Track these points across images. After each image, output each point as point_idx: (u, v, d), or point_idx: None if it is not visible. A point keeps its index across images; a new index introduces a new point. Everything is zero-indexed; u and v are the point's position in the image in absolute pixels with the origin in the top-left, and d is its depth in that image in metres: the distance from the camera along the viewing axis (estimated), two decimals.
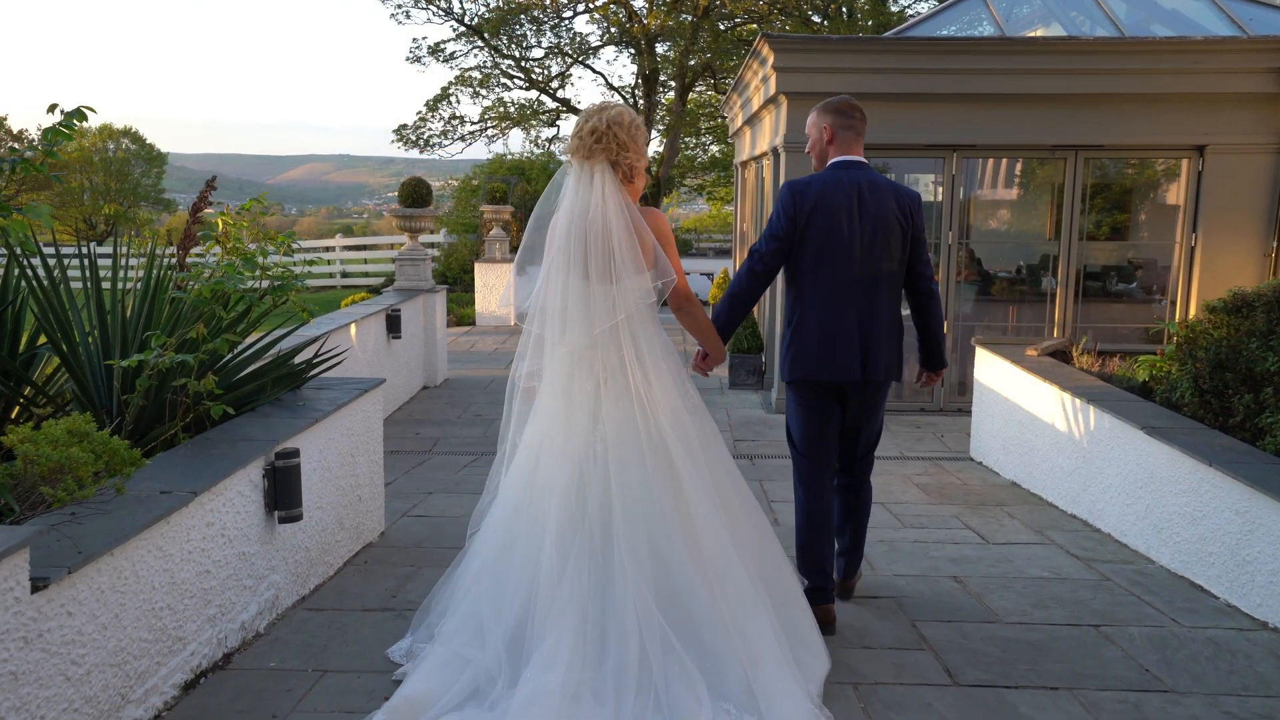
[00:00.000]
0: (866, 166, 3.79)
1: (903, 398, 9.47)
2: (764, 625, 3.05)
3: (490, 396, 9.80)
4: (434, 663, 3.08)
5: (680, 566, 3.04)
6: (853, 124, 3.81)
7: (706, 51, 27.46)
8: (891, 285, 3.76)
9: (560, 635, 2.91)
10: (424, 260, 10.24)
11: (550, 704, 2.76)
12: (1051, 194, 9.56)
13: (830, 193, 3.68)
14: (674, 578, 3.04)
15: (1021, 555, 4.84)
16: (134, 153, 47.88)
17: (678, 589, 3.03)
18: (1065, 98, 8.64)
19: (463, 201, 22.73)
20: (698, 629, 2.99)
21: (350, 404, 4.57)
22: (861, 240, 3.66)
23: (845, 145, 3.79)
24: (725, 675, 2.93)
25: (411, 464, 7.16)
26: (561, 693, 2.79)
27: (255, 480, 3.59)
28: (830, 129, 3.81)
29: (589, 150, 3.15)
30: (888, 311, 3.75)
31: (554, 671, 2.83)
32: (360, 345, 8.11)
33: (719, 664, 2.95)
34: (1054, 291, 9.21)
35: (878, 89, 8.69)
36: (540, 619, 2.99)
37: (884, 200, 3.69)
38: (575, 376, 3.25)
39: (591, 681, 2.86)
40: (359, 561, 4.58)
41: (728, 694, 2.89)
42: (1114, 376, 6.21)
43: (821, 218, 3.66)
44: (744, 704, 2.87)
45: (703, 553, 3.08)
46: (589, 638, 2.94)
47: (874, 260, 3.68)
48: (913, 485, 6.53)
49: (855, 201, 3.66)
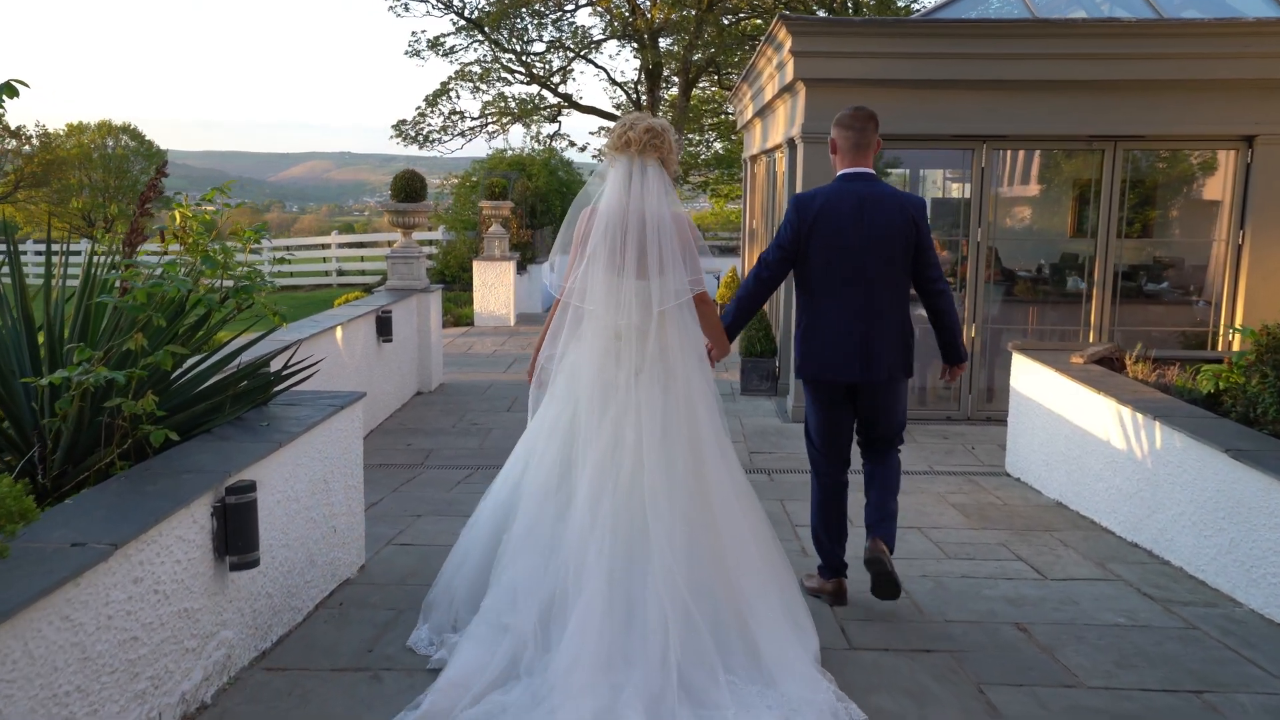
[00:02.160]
0: (873, 178, 3.95)
1: (927, 404, 8.91)
2: (774, 602, 3.26)
3: (488, 403, 9.22)
4: (473, 640, 3.17)
5: (701, 544, 3.22)
6: (859, 137, 3.92)
7: (711, 46, 26.88)
8: (894, 290, 3.92)
9: (589, 605, 3.04)
10: (418, 258, 9.65)
11: (588, 672, 2.90)
12: (1077, 190, 8.98)
13: (833, 204, 3.88)
14: (695, 554, 3.19)
15: (1087, 594, 4.26)
16: (133, 150, 47.43)
17: (697, 564, 3.18)
18: (1103, 85, 8.05)
19: (463, 198, 22.10)
20: (715, 604, 3.15)
21: (324, 422, 4.00)
22: (864, 248, 3.83)
23: (852, 158, 3.95)
24: (732, 648, 3.10)
25: (400, 480, 6.58)
26: (595, 661, 2.93)
27: (202, 521, 3.01)
28: (835, 141, 3.98)
29: (643, 145, 3.34)
30: (891, 314, 3.92)
31: (587, 640, 2.97)
32: (347, 350, 7.53)
33: (727, 637, 3.11)
34: (1089, 292, 8.61)
35: (902, 75, 8.12)
36: (572, 587, 3.11)
37: (887, 210, 3.85)
38: (611, 361, 3.37)
39: (622, 647, 3.00)
40: (333, 604, 4.00)
41: (733, 666, 3.06)
42: (1173, 387, 5.62)
43: (824, 228, 3.86)
44: (751, 675, 3.05)
45: (720, 532, 3.27)
46: (616, 609, 3.06)
47: (876, 267, 3.85)
48: (949, 506, 5.95)
49: (858, 212, 3.84)
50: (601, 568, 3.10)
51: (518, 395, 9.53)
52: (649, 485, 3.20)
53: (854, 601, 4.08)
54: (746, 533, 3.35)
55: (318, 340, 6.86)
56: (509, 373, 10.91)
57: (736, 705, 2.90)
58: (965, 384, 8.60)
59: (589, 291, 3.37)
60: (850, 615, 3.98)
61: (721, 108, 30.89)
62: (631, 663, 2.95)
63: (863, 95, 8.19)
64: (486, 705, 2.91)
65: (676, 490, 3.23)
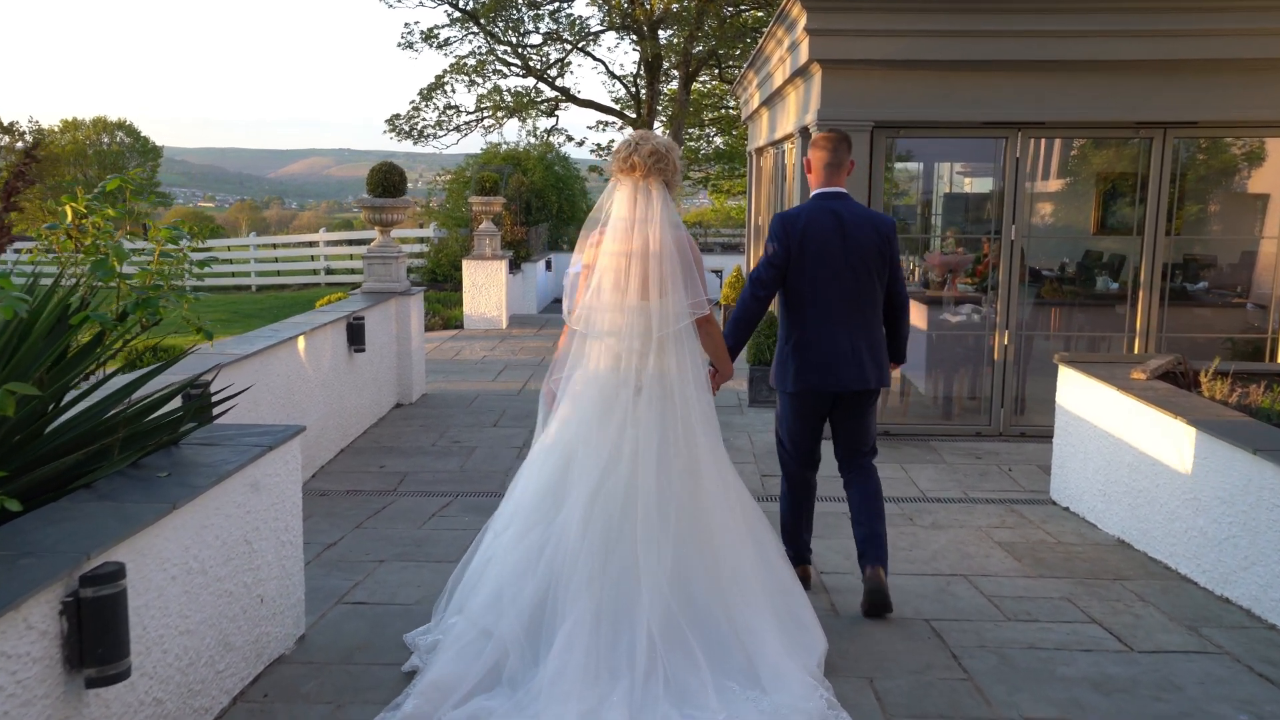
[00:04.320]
0: (846, 197, 4.15)
1: (953, 418, 8.12)
2: (769, 613, 3.30)
3: (473, 417, 8.42)
4: (457, 644, 3.19)
5: (693, 560, 3.29)
6: (833, 157, 4.13)
7: (712, 38, 26.05)
8: (874, 302, 4.12)
9: (579, 620, 3.08)
10: (397, 258, 8.85)
11: (573, 683, 2.95)
12: (1107, 183, 8.19)
13: (817, 221, 4.05)
14: (686, 568, 3.26)
15: (1189, 675, 3.47)
16: (128, 146, 46.76)
17: (689, 577, 3.25)
18: (1152, 65, 7.25)
19: (456, 194, 21.31)
20: (706, 614, 3.21)
21: (246, 468, 3.21)
22: (847, 263, 4.02)
23: (827, 177, 4.14)
24: (730, 657, 3.15)
25: (367, 511, 5.79)
26: (583, 673, 2.98)
27: (43, 625, 2.22)
28: (810, 162, 4.19)
29: (647, 169, 3.41)
30: (874, 327, 4.15)
31: (574, 653, 3.01)
32: (312, 362, 6.74)
33: (724, 647, 3.17)
34: (1133, 295, 7.81)
35: (930, 55, 7.33)
36: (560, 600, 3.16)
37: (863, 228, 4.05)
38: (612, 381, 3.41)
39: (608, 661, 3.04)
40: (254, 696, 3.21)
41: (731, 673, 3.11)
42: (1259, 409, 4.84)
43: (811, 244, 4.02)
44: (747, 682, 3.10)
45: (715, 547, 3.34)
46: (603, 623, 3.10)
47: (858, 280, 4.04)
48: (995, 545, 5.16)
49: (840, 229, 4.03)
50: (592, 584, 3.16)
51: (506, 408, 8.74)
52: (642, 502, 3.26)
53: (907, 693, 3.29)
54: (745, 549, 3.41)
55: (275, 353, 6.07)
56: (498, 381, 10.12)
57: (725, 709, 2.97)
58: (997, 396, 7.81)
59: (593, 313, 3.43)
60: (901, 706, 3.20)
61: (722, 102, 30.13)
62: (617, 675, 3.02)
63: (884, 79, 7.41)
64: (471, 708, 2.98)
65: (669, 508, 3.29)
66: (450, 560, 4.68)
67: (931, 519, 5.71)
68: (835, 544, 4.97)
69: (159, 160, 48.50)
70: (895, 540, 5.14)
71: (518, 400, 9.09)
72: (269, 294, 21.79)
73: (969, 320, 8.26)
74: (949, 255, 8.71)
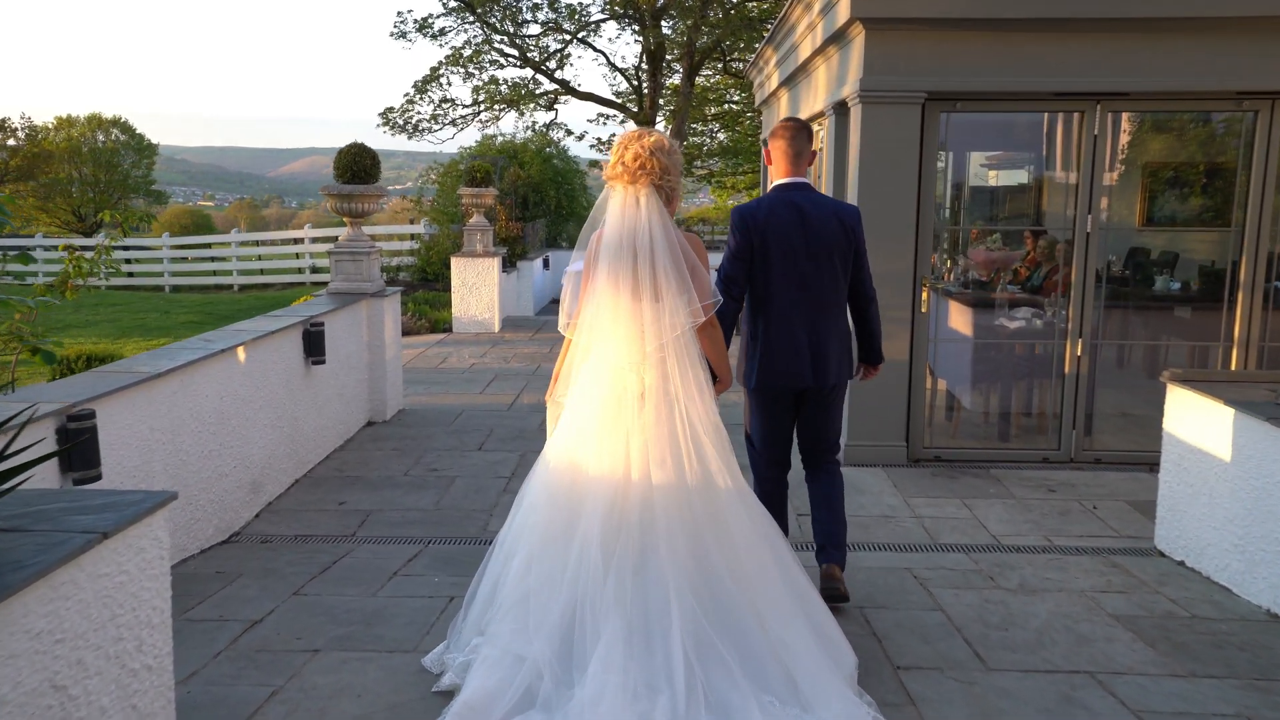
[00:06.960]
0: (808, 187, 4.05)
1: (1011, 440, 6.97)
2: (801, 624, 3.23)
3: (455, 438, 7.25)
4: (488, 664, 3.15)
5: (718, 570, 3.20)
6: (794, 146, 4.02)
7: (716, 29, 24.90)
8: (838, 296, 4.03)
9: (611, 639, 3.04)
10: (369, 254, 7.68)
11: (613, 704, 2.90)
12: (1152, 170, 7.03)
13: (778, 214, 3.96)
14: (713, 580, 3.18)
15: None
16: (124, 143, 45.73)
17: (716, 591, 3.17)
18: (1258, 23, 6.10)
19: (449, 189, 20.16)
20: (739, 628, 3.14)
21: (58, 570, 2.06)
22: (809, 257, 3.94)
23: (788, 167, 4.04)
24: (766, 671, 3.09)
25: (314, 568, 4.63)
26: (621, 692, 2.94)
27: None
28: (770, 153, 4.11)
29: (633, 175, 3.36)
30: (837, 321, 4.04)
31: (611, 674, 2.98)
32: (256, 378, 5.57)
33: (760, 661, 3.09)
34: (1231, 297, 6.64)
35: (991, 13, 6.19)
36: (589, 620, 3.10)
37: (826, 219, 3.96)
38: (618, 389, 3.34)
39: (645, 676, 3.00)
40: None
41: (769, 687, 3.05)
42: None
43: (773, 237, 3.94)
44: (787, 698, 3.03)
45: (739, 557, 3.26)
46: (635, 640, 3.05)
47: (820, 274, 3.96)
48: (1111, 619, 4.01)
49: (801, 221, 3.94)
50: (620, 601, 3.10)
51: (494, 427, 7.57)
52: (661, 514, 3.21)
53: None
54: (767, 559, 3.34)
55: (202, 369, 4.91)
56: (487, 394, 8.94)
57: None
58: (1068, 416, 6.64)
59: (592, 320, 3.38)
60: None
61: (726, 96, 29.07)
62: (656, 690, 2.96)
63: (938, 42, 6.26)
64: None
65: (688, 519, 3.23)
66: (406, 650, 3.62)
67: (1018, 578, 4.55)
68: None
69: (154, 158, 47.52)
70: (984, 615, 4.09)
71: (508, 417, 7.91)
72: (251, 294, 20.63)
73: (1030, 326, 7.11)
74: (994, 252, 7.58)
